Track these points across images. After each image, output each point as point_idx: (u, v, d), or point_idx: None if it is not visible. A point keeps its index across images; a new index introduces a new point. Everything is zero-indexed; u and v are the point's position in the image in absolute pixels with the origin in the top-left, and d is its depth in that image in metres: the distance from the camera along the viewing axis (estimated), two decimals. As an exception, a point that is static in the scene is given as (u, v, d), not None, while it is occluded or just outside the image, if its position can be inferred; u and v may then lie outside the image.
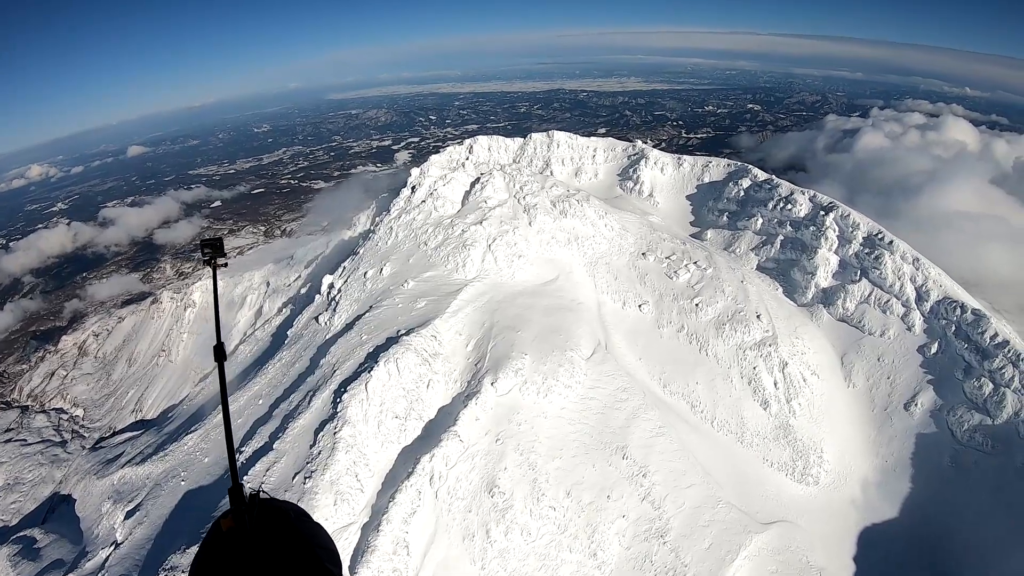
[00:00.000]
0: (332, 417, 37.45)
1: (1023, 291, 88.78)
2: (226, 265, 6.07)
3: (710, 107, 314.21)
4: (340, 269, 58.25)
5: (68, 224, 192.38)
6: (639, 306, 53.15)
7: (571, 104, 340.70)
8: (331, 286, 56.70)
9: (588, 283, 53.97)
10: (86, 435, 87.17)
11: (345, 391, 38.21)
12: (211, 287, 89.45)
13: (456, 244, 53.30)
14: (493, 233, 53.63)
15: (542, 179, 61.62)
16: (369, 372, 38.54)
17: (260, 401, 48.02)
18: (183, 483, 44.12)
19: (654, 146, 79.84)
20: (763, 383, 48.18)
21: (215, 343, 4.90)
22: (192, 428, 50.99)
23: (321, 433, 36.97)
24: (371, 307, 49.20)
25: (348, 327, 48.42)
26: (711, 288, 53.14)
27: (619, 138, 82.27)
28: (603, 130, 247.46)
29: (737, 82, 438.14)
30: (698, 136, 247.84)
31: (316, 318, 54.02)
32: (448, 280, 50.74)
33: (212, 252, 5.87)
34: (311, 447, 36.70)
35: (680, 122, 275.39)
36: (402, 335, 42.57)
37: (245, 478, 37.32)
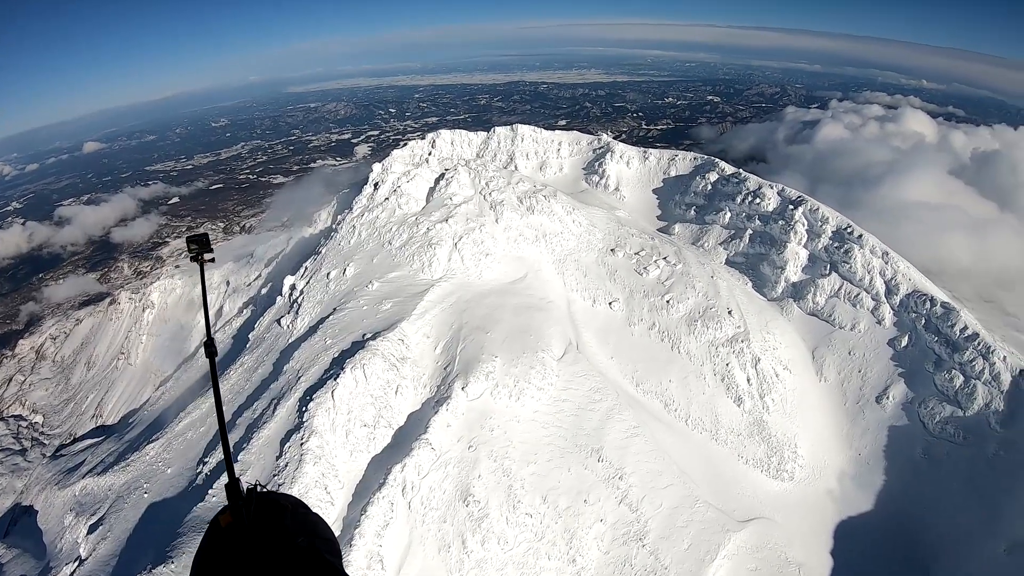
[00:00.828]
0: (298, 427, 35.91)
1: (982, 279, 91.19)
2: (213, 260, 5.95)
3: (670, 99, 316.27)
4: (302, 270, 56.49)
5: (23, 224, 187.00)
6: (609, 304, 52.26)
7: (531, 96, 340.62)
8: (293, 287, 54.95)
9: (557, 281, 52.98)
10: (46, 442, 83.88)
11: (311, 399, 36.71)
12: (168, 286, 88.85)
13: (421, 243, 51.86)
14: (459, 231, 52.31)
15: (508, 175, 60.38)
16: (335, 379, 37.10)
17: (224, 408, 46.16)
18: (146, 495, 42.36)
19: (614, 138, 79.33)
20: (736, 379, 47.69)
21: (205, 339, 4.79)
22: (153, 437, 48.85)
23: (287, 444, 35.42)
24: (335, 309, 47.60)
25: (311, 331, 46.85)
26: (681, 284, 52.47)
27: (580, 130, 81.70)
28: (563, 122, 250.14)
29: (697, 74, 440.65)
30: (658, 127, 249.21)
31: (278, 321, 52.26)
32: (414, 280, 49.33)
33: (199, 248, 5.73)
34: (277, 458, 35.15)
35: (640, 114, 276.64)
36: (368, 339, 41.13)
37: (209, 492, 36.01)
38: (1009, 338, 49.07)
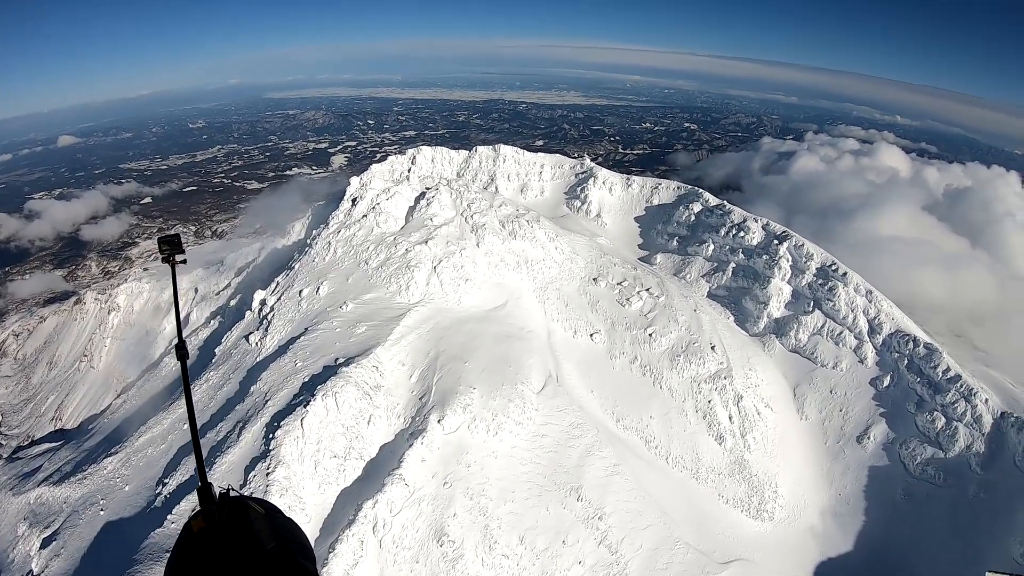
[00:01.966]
0: (264, 455, 33.94)
1: (953, 314, 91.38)
2: (185, 262, 5.94)
3: (647, 124, 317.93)
4: (273, 284, 54.49)
5: None
6: (591, 335, 50.96)
7: (510, 115, 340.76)
8: (263, 303, 52.91)
9: (538, 309, 51.59)
10: (3, 443, 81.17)
11: (279, 426, 34.76)
12: (135, 290, 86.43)
13: (399, 264, 50.13)
14: (439, 254, 50.71)
15: (491, 197, 59.04)
16: (305, 407, 35.18)
17: (185, 426, 44.63)
18: (102, 512, 40.92)
19: (591, 160, 78.47)
20: (718, 417, 46.71)
21: (176, 341, 4.85)
22: (112, 450, 47.10)
23: (252, 472, 33.42)
24: (306, 329, 45.77)
25: (281, 351, 44.94)
26: (664, 317, 51.37)
27: (557, 151, 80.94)
28: (541, 142, 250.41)
29: (675, 101, 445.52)
30: (635, 152, 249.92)
31: (246, 337, 50.19)
32: (390, 303, 47.52)
33: (171, 249, 5.81)
34: (241, 487, 33.09)
35: (617, 137, 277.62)
36: (341, 364, 39.32)
37: (168, 517, 34.19)
38: (978, 372, 48.85)
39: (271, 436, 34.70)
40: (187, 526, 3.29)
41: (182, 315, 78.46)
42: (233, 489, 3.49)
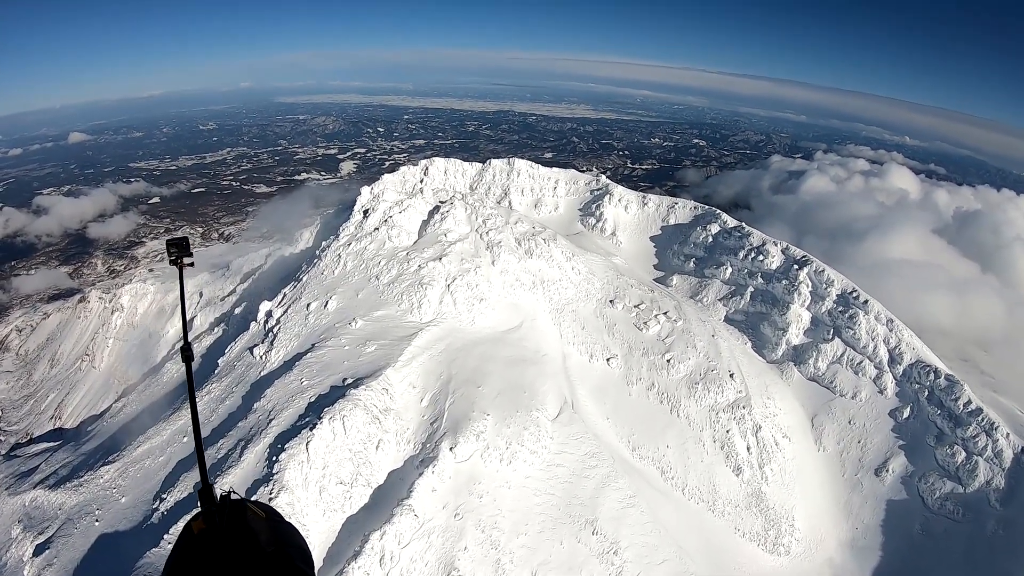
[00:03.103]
0: (267, 478, 32.47)
1: (962, 339, 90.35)
2: (192, 265, 5.93)
3: (656, 139, 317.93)
4: (280, 296, 53.22)
5: (0, 208, 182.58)
6: (607, 360, 49.53)
7: (520, 127, 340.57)
8: (269, 314, 51.61)
9: (553, 332, 50.17)
10: (2, 439, 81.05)
11: (283, 449, 33.25)
12: (140, 291, 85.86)
13: (412, 281, 48.80)
14: (453, 272, 49.38)
15: (506, 213, 57.80)
16: (311, 430, 33.68)
17: (185, 439, 43.89)
18: (97, 523, 39.99)
19: (599, 174, 77.43)
20: (736, 448, 45.33)
21: (182, 343, 4.79)
22: (110, 458, 46.08)
23: (254, 497, 31.91)
24: (313, 345, 44.43)
25: (287, 366, 43.64)
26: (682, 342, 50.00)
27: (565, 164, 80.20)
28: (550, 155, 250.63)
29: (684, 117, 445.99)
30: (643, 167, 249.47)
31: (251, 349, 48.92)
32: (401, 322, 46.16)
33: (178, 252, 5.80)
34: (242, 511, 31.70)
35: (626, 152, 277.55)
36: (348, 385, 37.94)
37: (165, 537, 33.03)
38: (987, 399, 47.69)
39: (274, 459, 33.23)
40: (187, 527, 3.28)
41: (188, 317, 78.65)
42: (234, 492, 3.47)
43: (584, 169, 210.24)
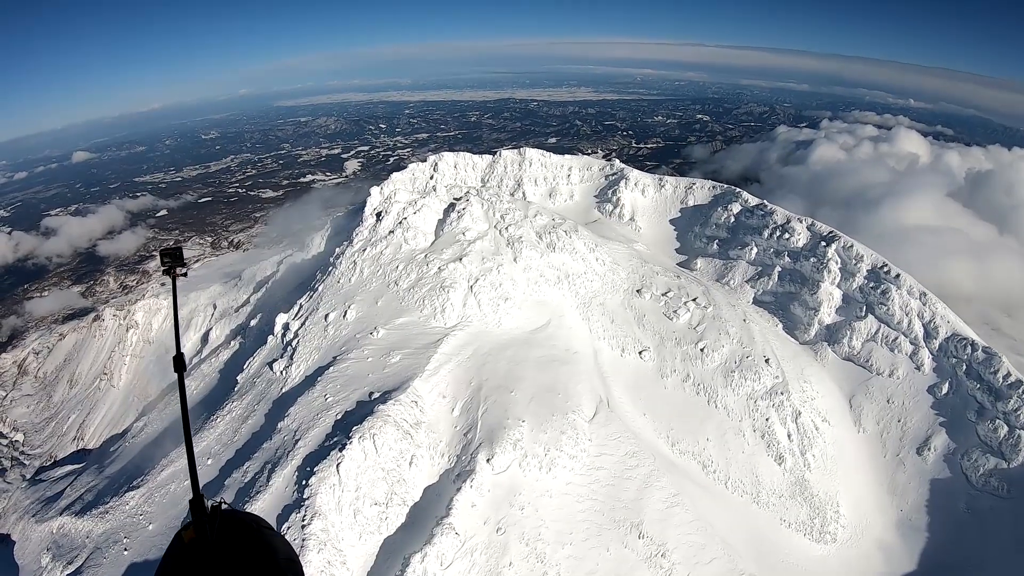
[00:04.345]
0: (298, 504, 31.06)
1: (984, 304, 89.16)
2: (186, 275, 5.97)
3: (659, 117, 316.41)
4: (296, 307, 51.93)
5: (10, 233, 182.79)
6: (639, 353, 47.98)
7: (522, 113, 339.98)
8: (286, 327, 50.33)
9: (582, 328, 48.61)
10: (26, 462, 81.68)
11: (312, 472, 31.81)
12: (153, 306, 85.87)
13: (433, 285, 47.34)
14: (475, 272, 47.94)
15: (524, 206, 56.20)
16: (340, 450, 32.21)
17: (209, 461, 42.41)
18: (126, 552, 38.95)
19: (604, 156, 76.15)
20: (777, 436, 43.93)
21: (174, 353, 4.85)
22: (134, 483, 44.95)
23: (286, 524, 30.55)
24: (335, 358, 43.10)
25: (309, 382, 42.36)
26: (714, 330, 48.46)
27: (570, 148, 78.95)
28: (553, 140, 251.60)
29: (686, 93, 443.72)
30: (648, 146, 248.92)
31: (270, 364, 47.64)
32: (425, 328, 44.70)
33: (172, 261, 5.79)
34: (275, 538, 30.42)
35: (630, 132, 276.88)
36: (376, 400, 36.54)
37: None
38: (1015, 364, 46.12)
39: (304, 483, 31.84)
40: (178, 536, 3.27)
41: (199, 332, 78.11)
42: (225, 503, 3.48)
43: (589, 152, 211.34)
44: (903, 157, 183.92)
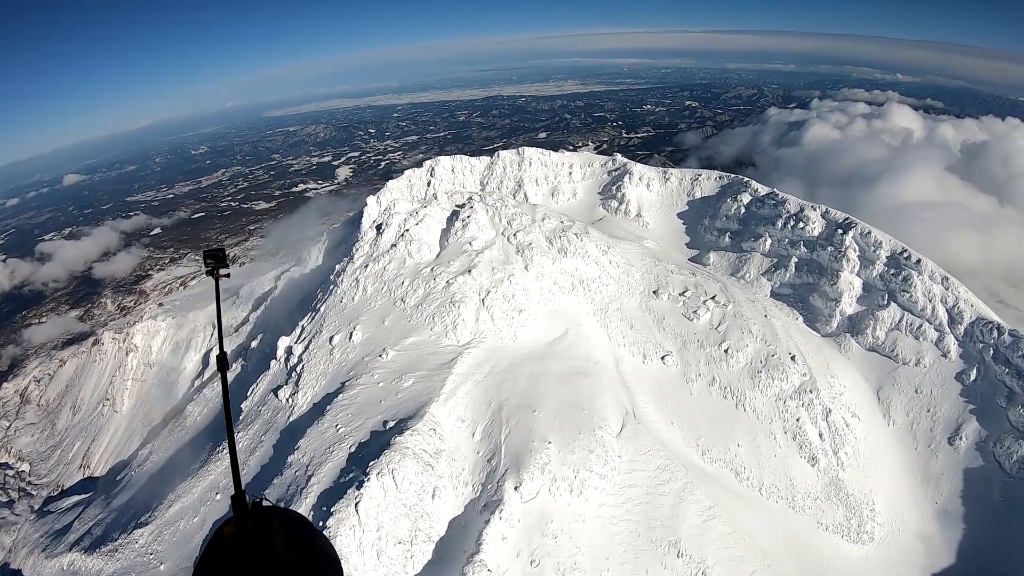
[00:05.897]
0: (317, 547, 29.28)
1: (990, 277, 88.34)
2: (229, 276, 5.64)
3: (649, 106, 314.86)
4: (298, 330, 50.07)
5: (4, 260, 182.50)
6: (662, 358, 46.11)
7: (510, 110, 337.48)
8: (289, 351, 48.48)
9: (601, 335, 46.67)
10: (33, 493, 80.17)
11: (329, 513, 29.65)
12: (152, 328, 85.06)
13: (442, 300, 45.30)
14: (485, 284, 45.95)
15: (531, 210, 54.26)
16: (358, 488, 30.12)
17: (218, 496, 41.80)
18: None
19: (596, 148, 74.80)
20: (808, 436, 42.36)
21: (218, 352, 4.69)
22: (142, 520, 44.01)
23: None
24: (343, 384, 41.21)
25: (317, 410, 40.52)
26: (737, 328, 46.72)
27: (560, 142, 77.49)
28: (544, 134, 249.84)
29: (673, 80, 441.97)
30: (639, 135, 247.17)
31: (275, 391, 45.89)
32: (437, 347, 42.66)
33: (215, 263, 5.55)
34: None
35: (620, 123, 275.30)
36: (391, 429, 34.57)
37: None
38: None
39: (322, 524, 29.86)
40: (219, 531, 3.26)
41: (200, 352, 76.93)
42: (266, 499, 3.48)
43: (580, 145, 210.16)
44: (897, 132, 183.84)
